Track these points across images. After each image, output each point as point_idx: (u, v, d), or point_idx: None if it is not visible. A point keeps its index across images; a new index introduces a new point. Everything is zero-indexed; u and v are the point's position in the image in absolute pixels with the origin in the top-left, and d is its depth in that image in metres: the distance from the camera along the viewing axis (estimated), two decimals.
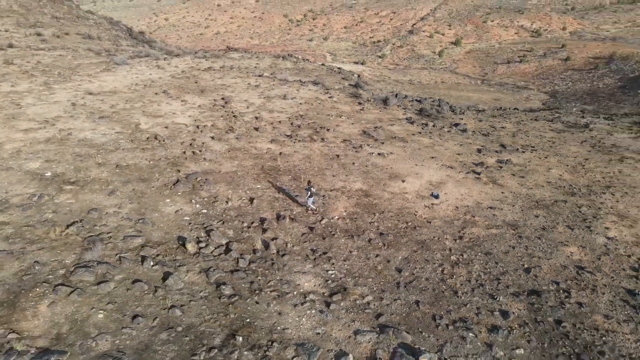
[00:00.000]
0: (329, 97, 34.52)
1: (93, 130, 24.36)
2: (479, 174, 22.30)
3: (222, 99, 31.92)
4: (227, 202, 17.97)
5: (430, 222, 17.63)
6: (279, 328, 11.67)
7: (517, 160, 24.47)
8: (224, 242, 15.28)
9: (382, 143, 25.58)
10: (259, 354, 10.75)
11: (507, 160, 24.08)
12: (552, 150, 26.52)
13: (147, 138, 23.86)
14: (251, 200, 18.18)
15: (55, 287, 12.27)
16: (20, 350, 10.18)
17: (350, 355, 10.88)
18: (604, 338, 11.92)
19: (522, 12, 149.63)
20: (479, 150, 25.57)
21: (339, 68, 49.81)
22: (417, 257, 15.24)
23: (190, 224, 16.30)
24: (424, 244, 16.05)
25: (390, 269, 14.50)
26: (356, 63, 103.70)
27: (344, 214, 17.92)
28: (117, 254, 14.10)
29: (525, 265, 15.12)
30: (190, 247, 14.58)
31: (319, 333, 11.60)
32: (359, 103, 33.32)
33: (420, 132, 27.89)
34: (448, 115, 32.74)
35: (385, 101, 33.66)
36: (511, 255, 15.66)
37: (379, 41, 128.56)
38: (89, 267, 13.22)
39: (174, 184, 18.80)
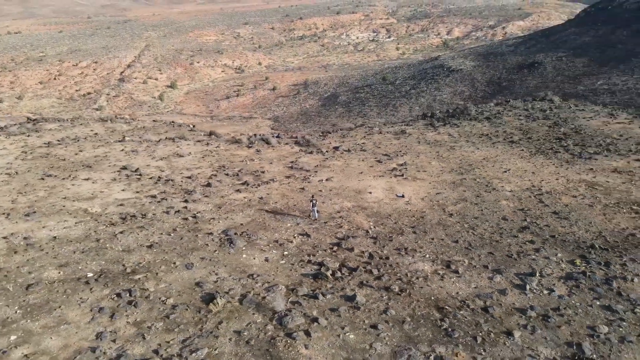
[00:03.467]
0: (217, 147, 36.69)
1: (45, 228, 21.68)
2: (402, 175, 29.87)
3: (125, 168, 30.66)
4: (290, 242, 20.44)
5: (424, 212, 24.14)
6: (453, 293, 16.40)
7: (407, 161, 33.12)
8: (337, 265, 18.39)
9: (316, 172, 30.50)
10: (470, 308, 15.42)
11: (403, 163, 32.48)
12: (414, 151, 36.35)
13: (124, 219, 22.78)
14: (306, 234, 21.10)
15: (289, 336, 13.95)
16: None
17: (507, 289, 16.64)
18: (574, 235, 20.89)
19: (222, 53, 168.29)
20: (379, 161, 33.26)
21: (172, 122, 50.27)
22: (451, 232, 21.58)
23: (292, 264, 18.55)
24: (443, 225, 22.48)
25: (451, 241, 20.44)
26: (73, 120, 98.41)
27: (371, 224, 22.72)
28: (288, 300, 15.90)
29: (500, 217, 23.30)
30: (330, 276, 17.37)
31: (475, 287, 16.84)
32: (249, 147, 36.75)
33: (326, 159, 33.79)
34: (317, 142, 39.34)
35: (267, 141, 37.97)
36: (486, 214, 23.61)
37: (89, 93, 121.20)
38: (287, 315, 14.96)
39: (230, 243, 19.98)
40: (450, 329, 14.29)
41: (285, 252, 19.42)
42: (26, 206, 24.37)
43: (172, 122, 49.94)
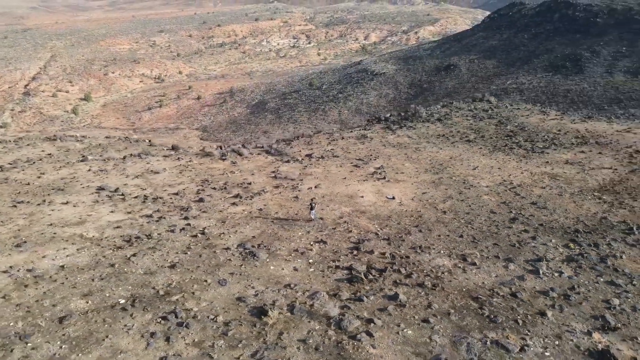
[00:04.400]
0: (189, 161, 36.02)
1: (45, 258, 20.57)
2: (384, 178, 31.34)
3: (102, 188, 29.35)
4: (310, 250, 20.97)
5: (420, 211, 25.68)
6: (480, 284, 17.94)
7: (383, 165, 34.67)
8: (365, 268, 19.28)
9: (301, 180, 31.12)
10: (501, 295, 17.00)
11: (380, 166, 34.01)
12: (384, 154, 38.06)
13: (129, 241, 22.06)
14: (322, 241, 21.75)
15: (354, 338, 14.71)
16: None
17: (524, 275, 18.47)
18: (558, 222, 23.41)
19: (138, 62, 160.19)
20: (356, 166, 34.52)
21: (126, 137, 48.00)
22: (452, 228, 23.24)
23: (322, 271, 19.16)
24: (442, 222, 24.12)
25: (457, 237, 22.08)
26: (17, 140, 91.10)
27: (377, 227, 23.83)
28: (335, 305, 16.57)
29: (488, 210, 25.44)
30: (365, 278, 18.24)
31: (496, 276, 18.49)
32: (222, 159, 36.43)
33: (305, 167, 34.45)
34: (287, 150, 39.81)
35: (238, 152, 37.88)
36: (475, 209, 25.65)
37: None
38: (343, 319, 15.69)
39: (253, 256, 20.18)
40: (492, 316, 15.74)
41: (310, 260, 19.98)
42: (11, 236, 22.74)
43: (127, 137, 47.98)
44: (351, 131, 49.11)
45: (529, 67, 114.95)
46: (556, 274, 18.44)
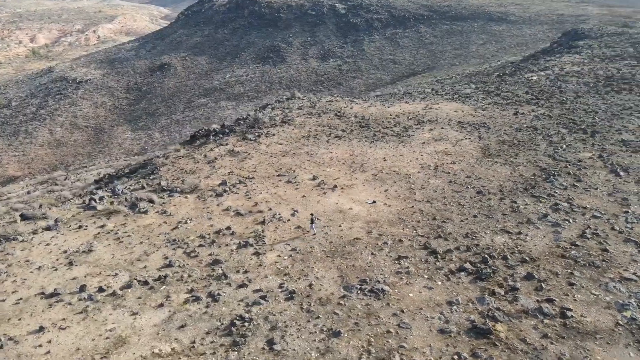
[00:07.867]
0: (102, 227, 28.13)
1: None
2: (335, 187, 32.69)
3: (55, 294, 21.08)
4: (406, 268, 21.94)
5: (414, 207, 28.86)
6: (545, 245, 23.17)
7: (316, 174, 35.38)
8: (470, 265, 21.90)
9: (270, 209, 29.40)
10: (569, 247, 22.68)
11: (313, 177, 34.80)
12: (294, 165, 38.35)
13: (229, 334, 18.37)
14: (404, 257, 22.83)
15: (564, 315, 18.04)
16: None
17: (556, 229, 24.61)
18: (504, 186, 30.71)
19: None
20: (289, 182, 34.12)
21: None
22: (458, 212, 27.55)
23: (449, 280, 20.85)
24: (445, 210, 28.06)
25: (471, 217, 26.57)
26: None
27: (410, 230, 26.01)
28: (531, 299, 19.09)
29: (453, 190, 30.69)
30: (490, 271, 21.01)
31: (544, 236, 24.08)
32: (142, 212, 29.78)
33: (248, 196, 31.99)
34: (196, 183, 34.92)
35: (149, 200, 31.44)
36: (442, 192, 30.57)
37: None
38: (541, 307, 18.59)
39: (382, 292, 20.00)
40: (590, 263, 21.30)
41: (425, 276, 21.24)
42: None
43: None
44: (211, 150, 46.02)
45: (240, 60, 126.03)
46: (567, 222, 25.31)
